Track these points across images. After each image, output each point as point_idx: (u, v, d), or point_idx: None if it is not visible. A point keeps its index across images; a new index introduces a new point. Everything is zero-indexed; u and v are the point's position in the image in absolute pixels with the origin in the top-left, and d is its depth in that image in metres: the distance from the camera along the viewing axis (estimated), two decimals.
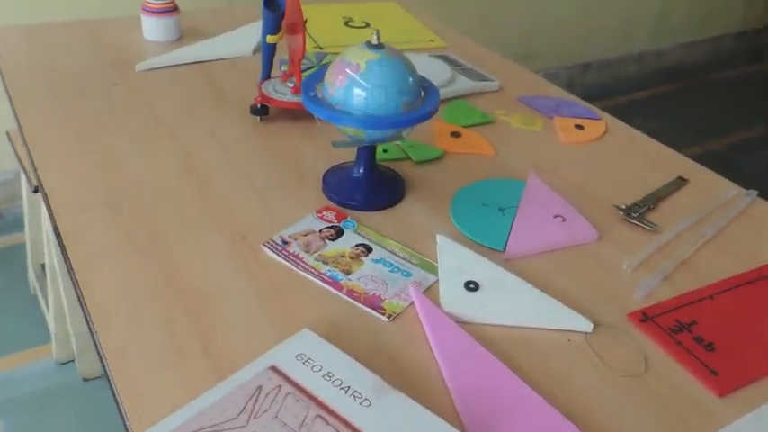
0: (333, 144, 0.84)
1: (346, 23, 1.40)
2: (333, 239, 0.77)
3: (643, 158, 1.01)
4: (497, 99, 1.15)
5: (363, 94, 0.75)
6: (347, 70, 0.76)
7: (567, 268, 0.76)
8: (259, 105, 0.99)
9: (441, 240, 0.78)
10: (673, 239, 0.82)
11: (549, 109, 1.12)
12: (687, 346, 0.66)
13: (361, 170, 0.85)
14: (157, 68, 1.14)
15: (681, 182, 0.94)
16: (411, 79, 0.77)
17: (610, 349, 0.66)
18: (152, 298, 0.68)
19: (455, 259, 0.75)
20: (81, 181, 0.85)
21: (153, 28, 1.24)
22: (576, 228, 0.82)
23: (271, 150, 0.94)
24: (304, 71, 1.05)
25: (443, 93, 1.06)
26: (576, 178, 0.94)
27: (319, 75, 0.83)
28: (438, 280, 0.72)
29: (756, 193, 0.92)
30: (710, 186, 0.95)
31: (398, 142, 0.95)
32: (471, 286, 0.71)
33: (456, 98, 1.13)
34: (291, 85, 1.02)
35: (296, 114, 1.02)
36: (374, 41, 0.77)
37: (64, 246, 0.74)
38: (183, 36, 1.28)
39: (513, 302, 0.69)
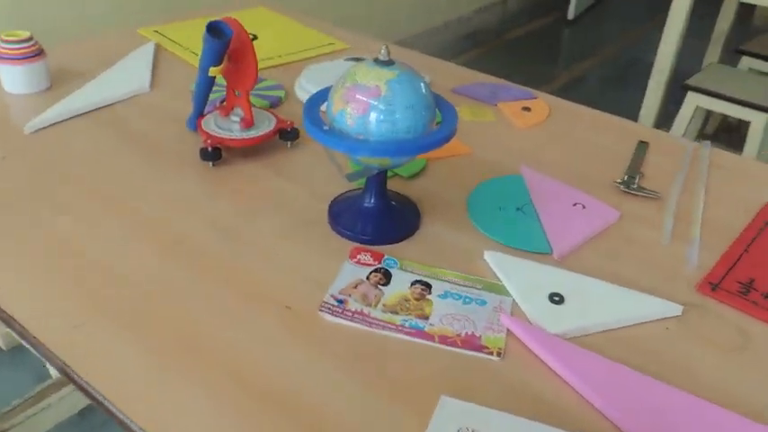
0: (347, 177, 0.75)
1: None
2: (385, 284, 0.69)
3: (597, 129, 1.03)
4: None
5: (390, 118, 0.67)
6: (362, 96, 0.67)
7: (613, 255, 0.76)
8: (210, 149, 0.86)
9: (490, 257, 0.73)
10: (678, 202, 0.85)
11: (487, 96, 1.10)
12: (763, 304, 0.69)
13: (373, 200, 0.77)
14: (48, 126, 0.94)
15: (644, 145, 0.98)
16: (429, 93, 0.70)
17: (707, 327, 0.67)
18: (236, 412, 0.55)
19: (517, 273, 0.70)
20: (50, 287, 0.67)
21: (17, 79, 1.01)
22: (598, 211, 0.81)
23: (248, 198, 0.82)
24: (222, 102, 0.92)
25: None
26: (557, 161, 0.93)
27: (315, 104, 0.73)
28: (514, 300, 0.68)
29: (710, 143, 0.99)
30: (667, 144, 1.00)
31: None
32: (556, 299, 0.67)
33: None
34: (237, 119, 0.89)
35: (250, 151, 0.89)
36: (384, 57, 0.69)
37: (84, 384, 0.58)
38: (54, 82, 1.06)
39: (602, 306, 0.67)
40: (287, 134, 0.91)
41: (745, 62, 2.52)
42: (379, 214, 0.77)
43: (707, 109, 2.27)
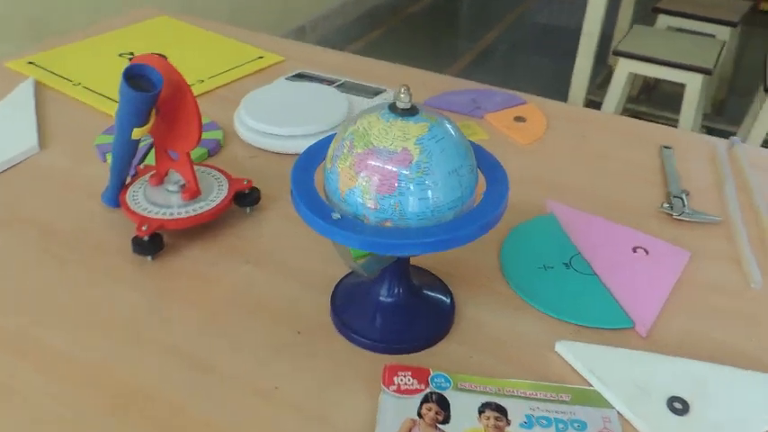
0: (364, 269, 0.54)
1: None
2: (445, 421, 0.49)
3: (607, 134, 0.87)
4: None
5: (429, 193, 0.46)
6: (385, 165, 0.46)
7: (703, 314, 0.59)
8: (147, 238, 0.62)
9: (565, 348, 0.55)
10: (738, 223, 0.70)
11: (468, 107, 0.91)
12: None
13: (397, 290, 0.56)
14: None
15: (669, 151, 0.83)
16: (469, 145, 0.50)
17: None
18: None
19: (608, 369, 0.53)
20: None
21: None
22: (666, 256, 0.65)
23: (212, 303, 0.59)
24: (141, 160, 0.68)
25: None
26: (582, 186, 0.76)
27: (306, 172, 0.52)
28: (619, 413, 0.50)
29: (739, 139, 0.85)
30: (691, 146, 0.85)
31: None
32: (678, 406, 0.50)
33: None
34: (176, 189, 0.66)
35: (198, 229, 0.66)
36: (405, 104, 0.48)
37: None
38: None
39: (736, 405, 0.50)
40: (245, 198, 0.69)
41: (663, 20, 2.46)
42: (404, 310, 0.57)
43: (636, 73, 2.19)
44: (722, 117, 2.61)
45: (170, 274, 0.62)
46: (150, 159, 0.73)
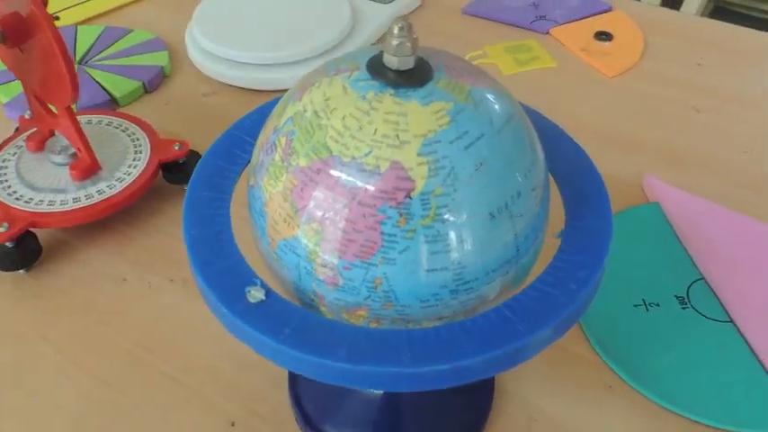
0: None
1: None
2: None
3: (743, 62, 0.59)
4: (431, 25, 0.64)
5: (453, 254, 0.21)
6: (367, 199, 0.21)
7: None
8: (13, 243, 0.39)
9: None
10: None
11: (527, 16, 0.63)
12: None
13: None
14: None
15: None
16: (533, 136, 0.25)
17: None
18: None
19: None
20: None
21: None
22: None
23: (113, 364, 0.37)
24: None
25: (356, 46, 0.55)
26: (708, 156, 0.50)
27: (204, 215, 0.27)
28: None
29: None
30: None
31: None
32: None
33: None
34: (64, 160, 0.42)
35: (96, 227, 0.43)
36: (399, 60, 0.22)
37: None
38: None
39: None
40: (178, 171, 0.45)
41: None
42: (415, 400, 0.34)
43: None
44: None
45: (58, 299, 0.39)
46: None
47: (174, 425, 0.34)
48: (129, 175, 0.42)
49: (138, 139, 0.45)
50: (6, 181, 0.42)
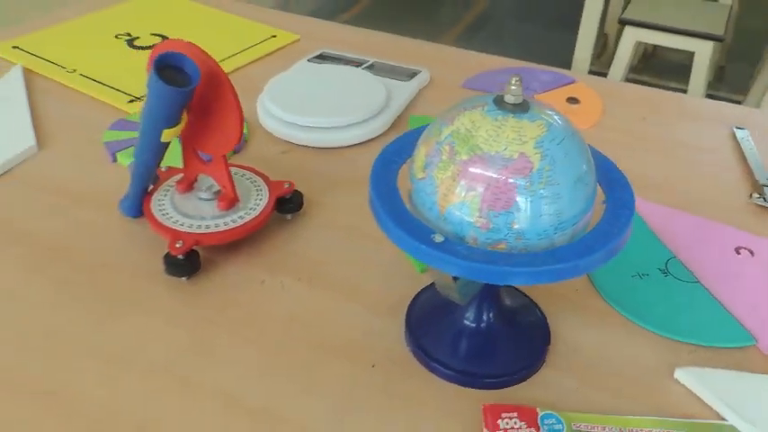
0: (459, 294, 0.45)
1: (132, 44, 0.89)
2: None
3: (675, 117, 0.79)
4: (440, 96, 0.82)
5: (554, 207, 0.38)
6: (499, 176, 0.37)
7: None
8: (183, 256, 0.53)
9: (687, 376, 0.47)
10: None
11: None
12: None
13: (488, 314, 0.48)
14: None
15: (742, 131, 0.75)
16: (586, 144, 0.42)
17: None
18: None
19: (743, 400, 0.45)
20: None
21: None
22: None
23: (261, 334, 0.50)
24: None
25: (392, 113, 0.72)
26: (656, 177, 0.68)
27: (387, 183, 0.43)
28: None
29: None
30: (759, 124, 0.78)
31: None
32: None
33: (405, 116, 0.77)
34: (210, 196, 0.56)
35: (232, 245, 0.57)
36: (516, 97, 0.39)
37: None
38: None
39: None
40: (286, 204, 0.60)
41: None
42: (496, 336, 0.49)
43: (644, 42, 2.11)
44: (724, 84, 2.55)
45: (214, 299, 0.53)
46: (170, 160, 0.63)
47: (326, 372, 0.47)
48: (257, 206, 0.57)
49: (255, 181, 0.60)
50: (168, 213, 0.55)
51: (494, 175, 0.37)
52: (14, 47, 0.87)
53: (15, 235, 0.58)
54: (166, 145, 0.52)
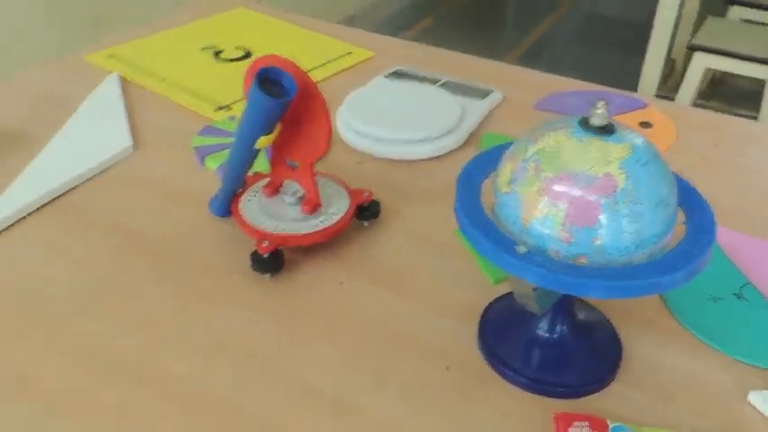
0: (538, 304, 0.47)
1: (218, 56, 0.95)
2: None
3: (747, 143, 0.79)
4: (512, 115, 0.84)
5: (636, 226, 0.40)
6: (584, 193, 0.39)
7: None
8: (268, 255, 0.56)
9: (760, 400, 0.47)
10: None
11: (584, 110, 0.83)
12: None
13: (561, 325, 0.50)
14: None
15: None
16: (669, 168, 0.43)
17: None
18: None
19: None
20: None
21: None
22: None
23: (351, 333, 0.53)
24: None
25: (465, 130, 0.75)
26: (731, 204, 0.68)
27: (471, 194, 0.45)
28: None
29: None
30: None
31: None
32: None
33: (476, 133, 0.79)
34: (294, 201, 0.60)
35: (313, 247, 0.60)
36: (602, 120, 0.41)
37: None
38: None
39: None
40: (364, 211, 0.63)
41: (735, 12, 2.34)
42: (568, 346, 0.50)
43: (713, 69, 2.09)
44: None
45: (296, 296, 0.56)
46: (256, 166, 0.67)
47: (402, 371, 0.49)
48: (339, 211, 0.60)
49: (337, 189, 0.63)
50: (254, 214, 0.59)
51: (579, 192, 0.39)
52: (110, 56, 0.93)
53: (112, 227, 0.63)
54: (258, 152, 0.56)
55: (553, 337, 0.50)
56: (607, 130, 0.41)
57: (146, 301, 0.55)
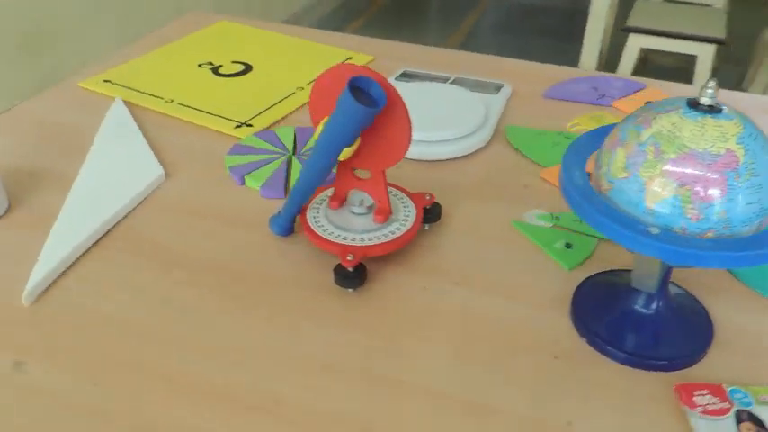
0: (655, 285, 0.48)
1: (217, 72, 0.92)
2: None
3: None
4: (524, 106, 0.86)
5: (758, 196, 0.42)
6: (714, 170, 0.41)
7: None
8: (353, 269, 0.55)
9: None
10: None
11: (593, 96, 0.87)
12: None
13: (658, 300, 0.52)
14: (51, 284, 0.58)
15: None
16: None
17: None
18: None
19: None
20: None
21: None
22: None
23: (449, 334, 0.53)
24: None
25: (491, 125, 0.77)
26: None
27: (591, 196, 0.46)
28: None
29: None
30: None
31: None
32: None
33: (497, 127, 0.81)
34: (363, 211, 0.59)
35: (382, 258, 0.60)
36: (711, 99, 0.43)
37: None
38: (13, 197, 0.68)
39: None
40: (427, 214, 0.63)
41: None
42: (667, 320, 0.52)
43: (645, 48, 2.19)
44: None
45: (383, 306, 0.56)
46: None
47: (515, 364, 0.50)
48: (408, 217, 0.60)
49: (399, 195, 0.63)
50: (327, 229, 0.58)
51: (704, 170, 0.41)
52: (105, 80, 0.89)
53: (176, 258, 0.60)
54: (335, 164, 0.56)
55: (648, 312, 0.52)
56: (717, 109, 0.43)
57: (234, 331, 0.53)
